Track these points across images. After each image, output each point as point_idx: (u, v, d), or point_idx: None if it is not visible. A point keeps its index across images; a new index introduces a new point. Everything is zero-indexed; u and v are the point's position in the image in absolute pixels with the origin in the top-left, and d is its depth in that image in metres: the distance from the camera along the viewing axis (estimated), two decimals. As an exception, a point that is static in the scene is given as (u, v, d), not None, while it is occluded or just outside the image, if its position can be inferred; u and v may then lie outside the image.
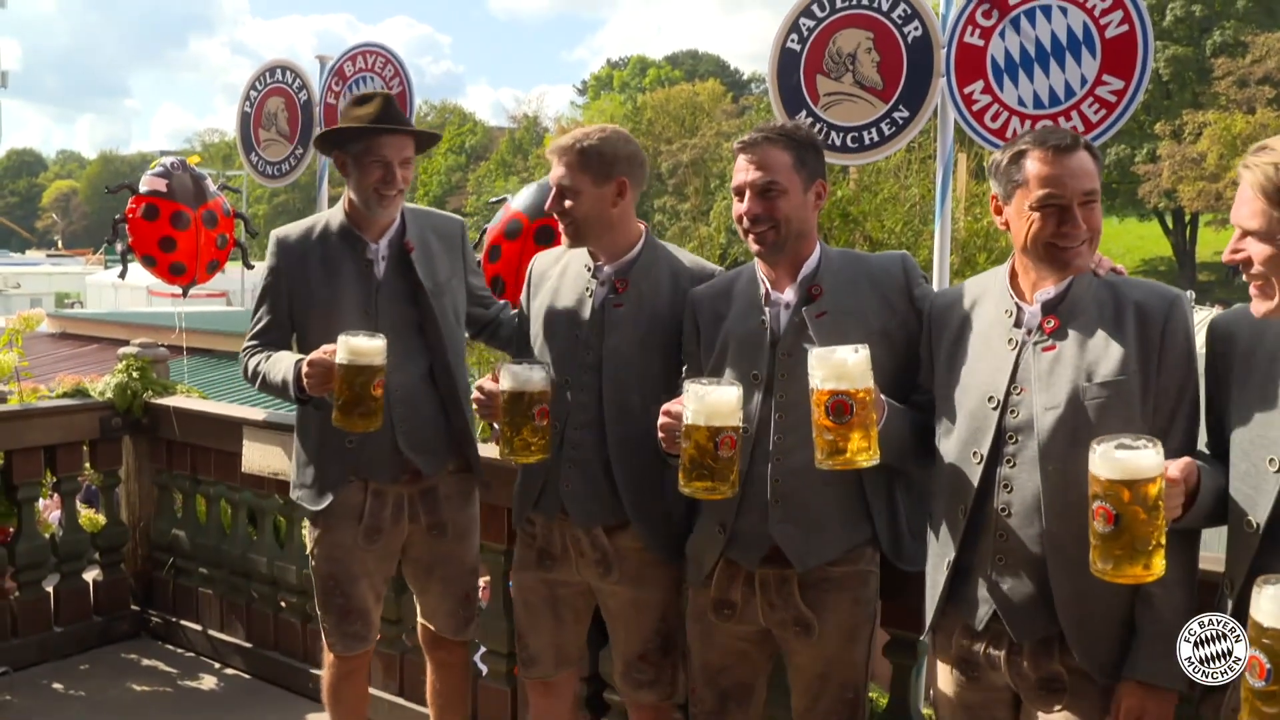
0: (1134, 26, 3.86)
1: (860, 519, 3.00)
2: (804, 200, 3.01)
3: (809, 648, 3.03)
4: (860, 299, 3.00)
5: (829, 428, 2.55)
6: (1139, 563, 2.17)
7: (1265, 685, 1.86)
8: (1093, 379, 2.53)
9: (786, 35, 4.44)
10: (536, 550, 3.48)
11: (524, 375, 3.11)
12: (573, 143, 3.33)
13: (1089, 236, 2.58)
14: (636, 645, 3.44)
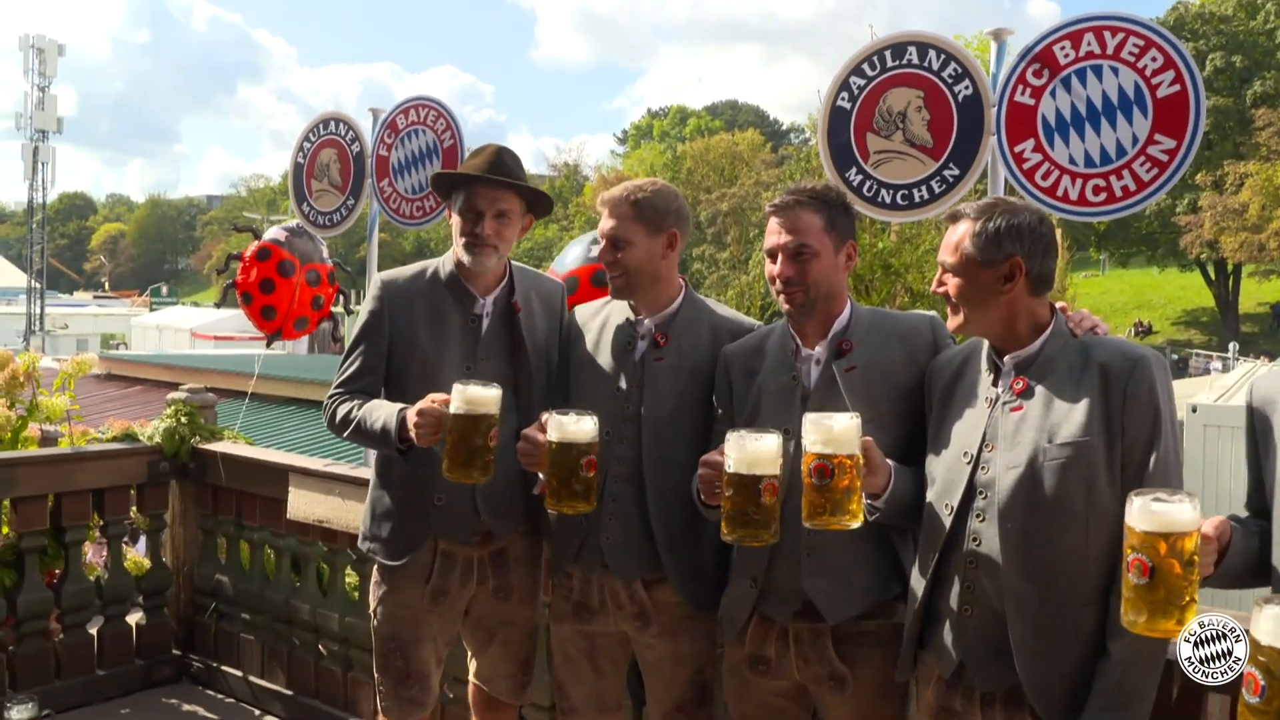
0: (1186, 86, 3.85)
1: (890, 573, 3.04)
2: (835, 263, 3.09)
3: (843, 703, 3.06)
4: (889, 355, 3.06)
5: (811, 488, 2.61)
6: (1172, 617, 2.17)
7: (1259, 702, 1.89)
8: (1054, 440, 2.60)
9: (837, 94, 4.46)
10: (574, 603, 3.50)
11: (573, 426, 3.08)
12: (626, 194, 3.38)
13: (955, 299, 2.75)
14: (674, 697, 3.46)
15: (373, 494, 3.79)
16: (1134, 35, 3.93)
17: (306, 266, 6.67)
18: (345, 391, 3.69)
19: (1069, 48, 4.03)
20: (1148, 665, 2.57)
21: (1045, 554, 2.61)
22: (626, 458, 3.36)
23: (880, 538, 3.02)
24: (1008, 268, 2.70)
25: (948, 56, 4.25)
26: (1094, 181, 3.99)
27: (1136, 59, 3.92)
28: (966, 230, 2.74)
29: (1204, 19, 59.76)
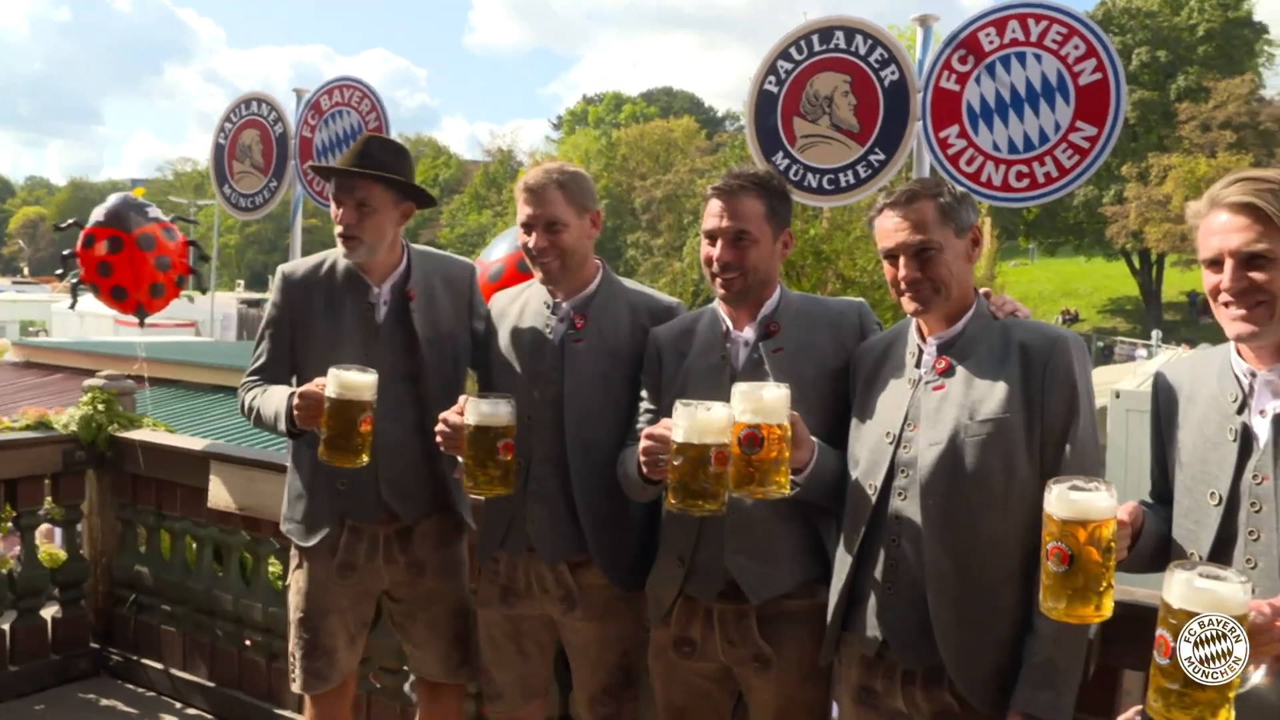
0: (1107, 75, 3.90)
1: (814, 554, 3.07)
2: (773, 250, 3.11)
3: (768, 684, 3.07)
4: (817, 338, 3.08)
5: (740, 457, 2.62)
6: (1090, 603, 2.21)
7: (1169, 664, 1.92)
8: (975, 417, 2.64)
9: (764, 77, 4.46)
10: (500, 587, 3.50)
11: (489, 409, 3.10)
12: (552, 177, 3.38)
13: (931, 284, 2.72)
14: (600, 680, 3.47)
15: (289, 477, 3.85)
16: (1057, 23, 3.98)
17: (136, 233, 6.43)
18: (252, 381, 3.77)
19: (994, 34, 4.07)
20: (1074, 642, 2.61)
21: (966, 530, 2.64)
22: (549, 440, 3.37)
23: (804, 518, 3.04)
24: (974, 234, 2.78)
25: (874, 42, 4.26)
26: (1017, 167, 4.04)
27: (1059, 47, 3.97)
28: (935, 206, 2.74)
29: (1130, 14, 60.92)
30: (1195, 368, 2.55)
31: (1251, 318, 2.27)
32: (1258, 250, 2.25)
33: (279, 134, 6.09)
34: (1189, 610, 1.91)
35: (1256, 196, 2.24)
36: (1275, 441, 2.29)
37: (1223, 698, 1.90)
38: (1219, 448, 2.38)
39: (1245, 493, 2.32)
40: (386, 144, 3.66)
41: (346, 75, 5.88)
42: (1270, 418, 2.31)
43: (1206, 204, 2.34)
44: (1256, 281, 2.25)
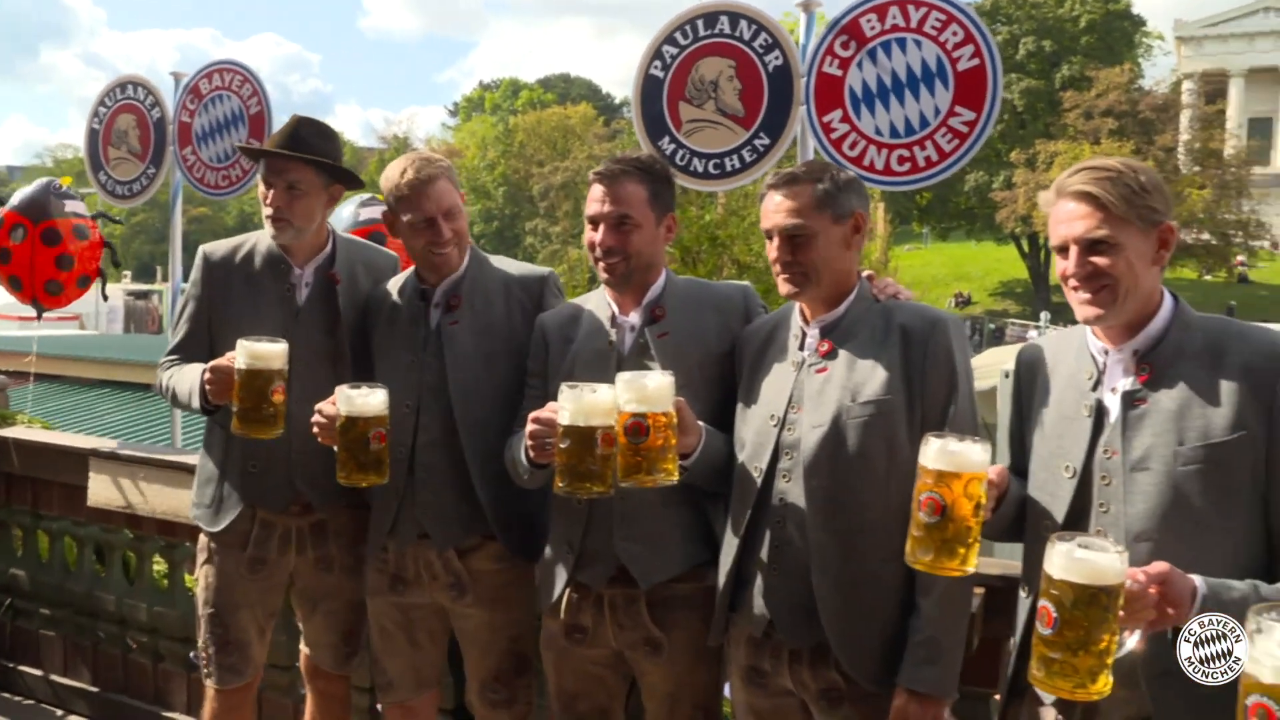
0: (984, 61, 3.99)
1: (702, 537, 3.08)
2: (656, 234, 3.11)
3: (659, 668, 3.09)
4: (702, 322, 3.10)
5: (626, 447, 2.63)
6: (957, 556, 2.27)
7: (1051, 633, 1.98)
8: (856, 399, 2.69)
9: (650, 62, 4.47)
10: (389, 576, 3.48)
11: (360, 400, 3.08)
12: (438, 168, 3.36)
13: (801, 268, 2.76)
14: (492, 666, 3.47)
15: (199, 461, 3.82)
16: (936, 10, 4.06)
17: (42, 226, 6.20)
18: (169, 361, 3.76)
19: (875, 20, 4.14)
20: (957, 619, 2.67)
21: (849, 511, 2.69)
22: (435, 425, 3.35)
23: (692, 502, 3.05)
24: (854, 221, 2.80)
25: (759, 27, 4.30)
26: (899, 152, 4.12)
27: (939, 33, 4.05)
28: (815, 192, 2.77)
29: (1016, 4, 62.46)
30: (1055, 346, 2.63)
31: (1097, 301, 2.35)
32: (1099, 237, 2.32)
33: (156, 119, 5.92)
34: (1069, 580, 1.96)
35: (1096, 185, 2.32)
36: (1124, 417, 2.38)
37: (1101, 664, 1.96)
38: (1075, 422, 2.46)
39: (1097, 466, 2.40)
40: (316, 126, 3.64)
41: (226, 59, 5.74)
42: (1121, 394, 2.39)
43: (1054, 193, 2.42)
44: (1100, 267, 2.33)
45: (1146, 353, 2.39)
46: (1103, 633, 1.95)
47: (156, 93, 5.96)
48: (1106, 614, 1.95)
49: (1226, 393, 2.29)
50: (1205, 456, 2.28)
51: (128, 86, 6.04)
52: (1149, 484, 2.32)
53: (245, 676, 3.78)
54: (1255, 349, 2.32)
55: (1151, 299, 2.40)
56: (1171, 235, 2.38)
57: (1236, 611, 1.99)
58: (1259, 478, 2.29)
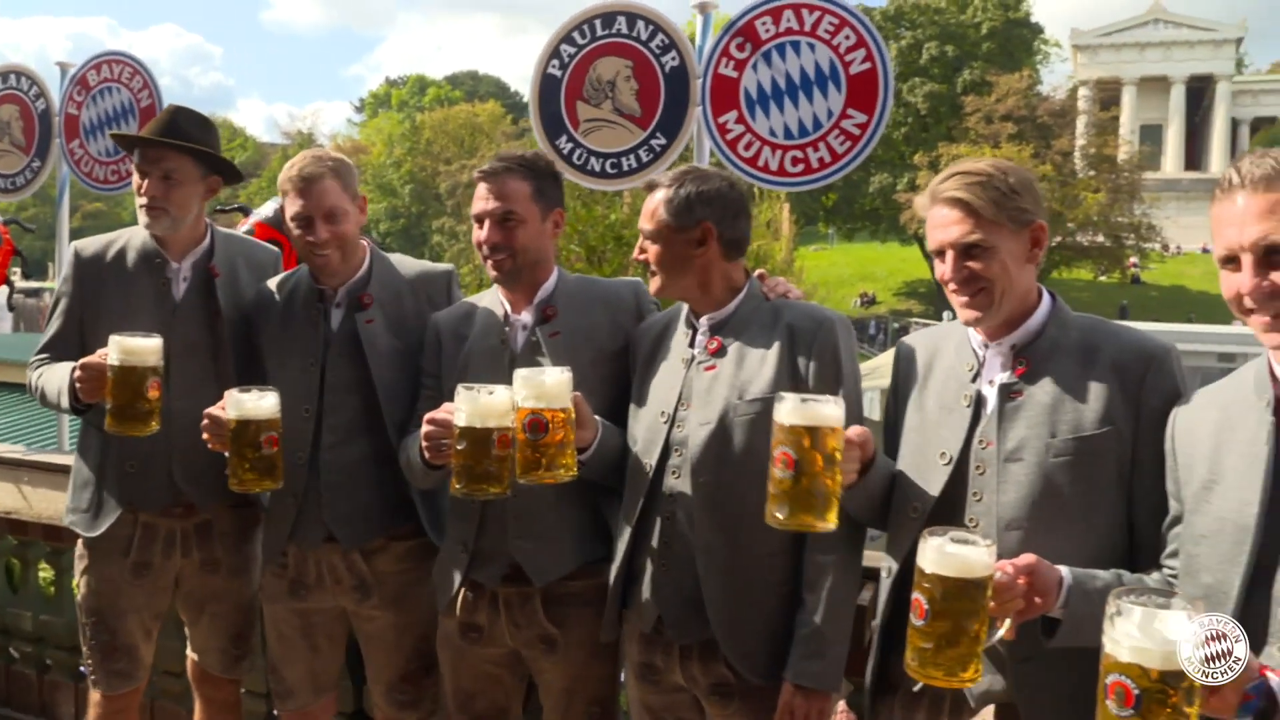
0: (876, 64, 4.08)
1: (596, 534, 3.10)
2: (541, 229, 3.11)
3: (555, 665, 3.11)
4: (593, 320, 3.12)
5: (525, 443, 2.64)
6: (813, 512, 2.31)
7: (924, 624, 2.03)
8: (744, 396, 2.74)
9: (548, 61, 4.48)
10: (288, 581, 3.43)
11: (250, 404, 3.02)
12: (325, 166, 3.31)
13: (654, 265, 2.84)
14: (398, 667, 3.45)
15: (74, 464, 3.70)
16: (829, 14, 4.14)
17: None
18: (40, 360, 3.65)
19: (770, 23, 4.20)
20: (842, 613, 2.72)
21: (735, 507, 2.71)
22: (344, 425, 3.31)
23: (586, 499, 3.07)
24: (699, 232, 2.80)
25: (656, 27, 4.33)
26: (792, 153, 4.19)
27: (831, 36, 4.13)
28: (661, 198, 2.82)
29: (920, 9, 63.69)
30: (936, 338, 2.70)
31: (975, 304, 2.42)
32: (972, 241, 2.38)
33: (41, 110, 5.75)
34: (940, 574, 2.01)
35: (966, 190, 2.38)
36: (1000, 409, 2.45)
37: (972, 653, 2.01)
38: (953, 413, 2.52)
39: (973, 456, 2.47)
40: (193, 116, 3.57)
41: (115, 50, 5.59)
42: (998, 387, 2.47)
43: (929, 198, 2.48)
44: (975, 270, 2.39)
45: (1024, 348, 2.46)
46: (973, 623, 2.00)
47: (41, 83, 5.78)
48: (976, 605, 2.00)
49: (1097, 389, 2.37)
50: (1075, 449, 2.36)
51: (10, 76, 5.84)
52: (1021, 474, 2.39)
53: (135, 681, 3.70)
54: (1125, 348, 2.41)
55: (1029, 296, 2.47)
56: (1043, 233, 2.44)
57: (1100, 599, 2.05)
58: (1124, 471, 2.37)
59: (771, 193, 16.61)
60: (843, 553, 2.70)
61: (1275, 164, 2.01)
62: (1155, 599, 1.72)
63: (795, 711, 2.67)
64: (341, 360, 3.33)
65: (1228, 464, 2.13)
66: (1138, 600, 1.71)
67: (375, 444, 3.32)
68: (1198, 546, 2.15)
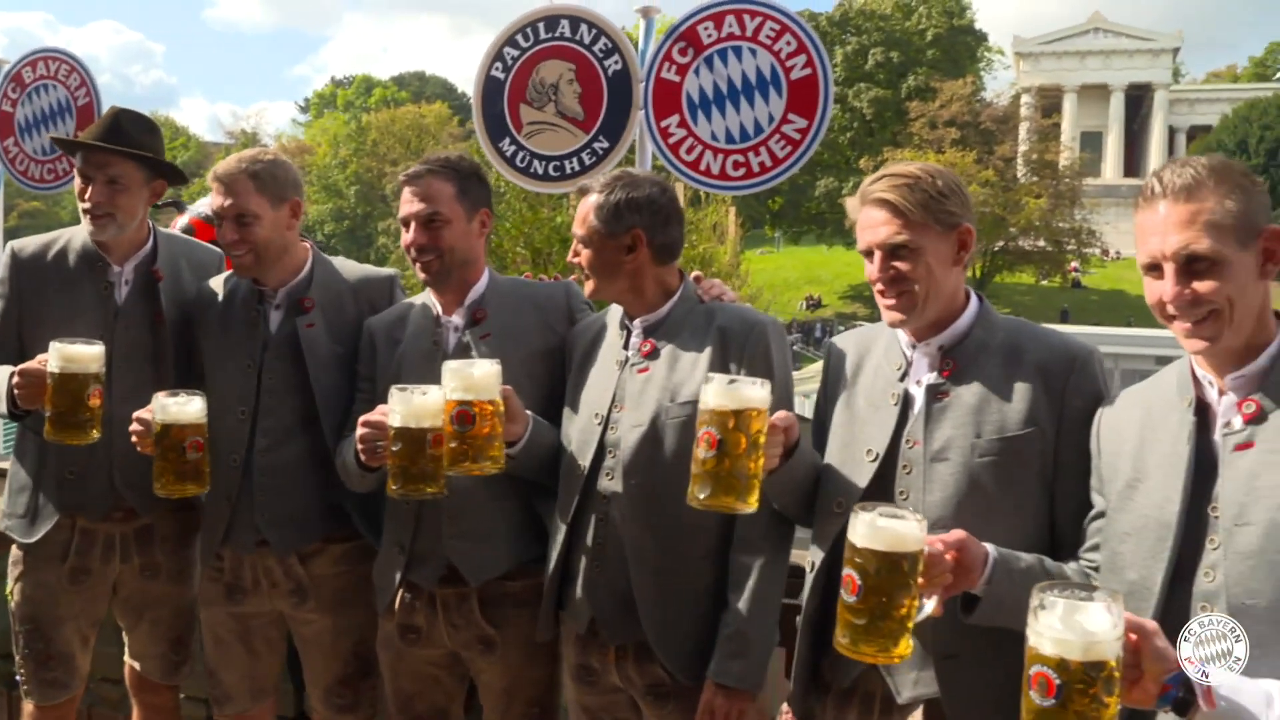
0: (816, 70, 4.13)
1: (532, 534, 3.11)
2: (468, 229, 3.12)
3: (493, 666, 3.12)
4: (523, 321, 3.14)
5: (453, 434, 2.65)
6: (734, 493, 2.33)
7: (856, 600, 2.04)
8: (676, 399, 2.77)
9: (491, 63, 4.50)
10: (224, 585, 3.41)
11: (175, 407, 3.01)
12: (243, 166, 3.28)
13: (586, 269, 2.86)
14: (337, 671, 3.43)
15: (11, 469, 3.64)
16: (771, 20, 4.18)
17: None
18: None
19: (712, 28, 4.24)
20: (765, 614, 2.75)
21: (666, 509, 2.73)
22: (275, 429, 3.30)
23: (521, 499, 3.08)
24: (629, 238, 2.82)
25: (599, 31, 4.36)
26: (734, 157, 4.23)
27: (773, 42, 4.18)
28: (592, 204, 2.85)
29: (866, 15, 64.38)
30: (867, 337, 2.73)
31: (900, 305, 2.45)
32: (898, 242, 2.42)
33: (-25, 108, 5.64)
34: (872, 548, 2.02)
35: (894, 192, 2.42)
36: (927, 409, 2.49)
37: (903, 628, 2.03)
38: (881, 411, 2.56)
39: (900, 455, 2.51)
40: (137, 118, 3.52)
41: (52, 47, 5.51)
42: (925, 387, 2.51)
43: (859, 200, 2.52)
44: (901, 271, 2.43)
45: (951, 349, 2.50)
46: (904, 598, 2.02)
47: (-27, 81, 5.67)
48: (908, 580, 2.02)
49: (1021, 390, 2.42)
50: (999, 449, 2.40)
51: (-57, 73, 5.74)
52: (947, 473, 2.44)
53: (70, 690, 3.64)
54: (1049, 349, 2.46)
55: (956, 298, 2.51)
56: (969, 236, 2.47)
57: (1022, 580, 2.11)
58: (1047, 471, 2.43)
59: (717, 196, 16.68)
60: (768, 554, 2.73)
61: (1195, 174, 2.06)
62: (1079, 593, 1.76)
63: (716, 711, 2.70)
64: (279, 363, 3.31)
65: (1151, 463, 2.19)
66: (1062, 594, 1.75)
67: (311, 447, 3.30)
68: (1122, 544, 2.20)
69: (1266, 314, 2.11)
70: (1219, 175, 2.05)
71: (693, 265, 13.67)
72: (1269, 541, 1.99)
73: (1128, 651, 1.78)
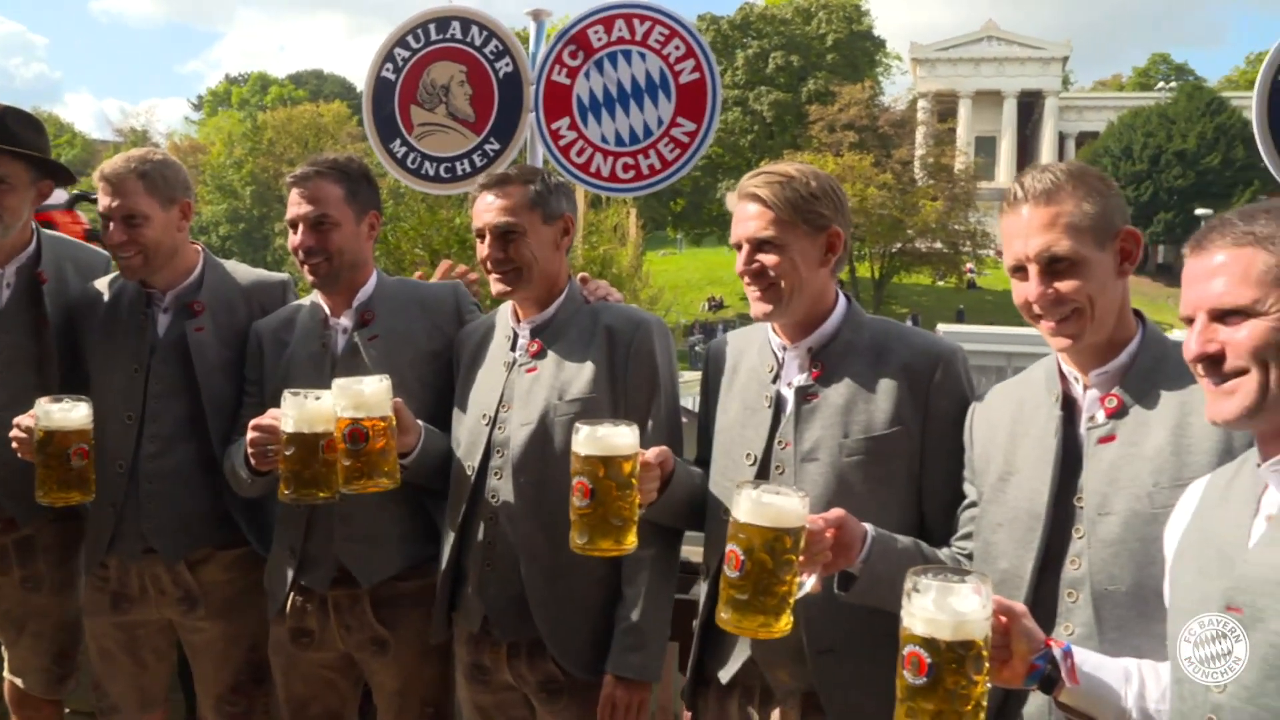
0: (704, 74, 4.22)
1: (424, 535, 3.12)
2: (357, 232, 3.13)
3: (387, 667, 3.12)
4: (411, 323, 3.14)
5: (346, 453, 2.65)
6: (611, 536, 2.38)
7: (738, 576, 2.08)
8: (564, 397, 2.81)
9: (382, 64, 4.50)
10: (110, 594, 3.35)
11: (59, 414, 2.94)
12: (131, 166, 3.22)
13: (514, 265, 2.84)
14: (228, 679, 3.40)
15: None
16: (660, 24, 4.25)
17: None
18: None
19: (602, 32, 4.29)
20: (659, 605, 2.80)
21: (556, 506, 2.73)
22: (162, 435, 3.25)
23: (412, 500, 3.08)
24: (564, 223, 2.90)
25: (490, 33, 4.38)
26: (624, 159, 4.29)
27: (662, 46, 4.25)
28: (521, 191, 2.86)
29: (767, 19, 65.10)
30: (742, 340, 2.79)
31: (765, 298, 2.52)
32: (765, 237, 2.49)
33: None
34: (755, 524, 2.06)
35: (767, 189, 2.49)
36: (797, 411, 2.56)
37: (784, 605, 2.08)
38: (756, 413, 2.62)
39: (773, 456, 2.57)
40: (23, 116, 3.42)
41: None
42: (795, 389, 2.57)
43: (736, 195, 2.58)
44: (765, 265, 2.50)
45: (819, 350, 2.57)
46: (786, 574, 2.07)
47: None
48: (789, 555, 2.07)
49: (887, 389, 2.50)
50: (867, 449, 2.48)
51: None
52: (817, 473, 2.50)
53: None
54: (914, 349, 2.54)
55: (824, 299, 2.58)
56: (838, 239, 2.54)
57: (898, 559, 2.20)
58: (915, 469, 2.52)
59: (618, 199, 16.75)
60: (659, 548, 2.78)
61: (1055, 179, 2.16)
62: (951, 576, 1.83)
63: (617, 703, 2.75)
64: (166, 367, 3.26)
65: (1021, 456, 2.28)
66: (935, 578, 1.82)
67: (199, 453, 3.26)
68: (995, 534, 2.29)
69: (1126, 312, 2.22)
70: (1077, 180, 2.16)
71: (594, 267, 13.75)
72: (1129, 530, 2.10)
73: (997, 633, 1.87)
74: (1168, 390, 2.15)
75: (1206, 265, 1.82)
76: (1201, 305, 1.81)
